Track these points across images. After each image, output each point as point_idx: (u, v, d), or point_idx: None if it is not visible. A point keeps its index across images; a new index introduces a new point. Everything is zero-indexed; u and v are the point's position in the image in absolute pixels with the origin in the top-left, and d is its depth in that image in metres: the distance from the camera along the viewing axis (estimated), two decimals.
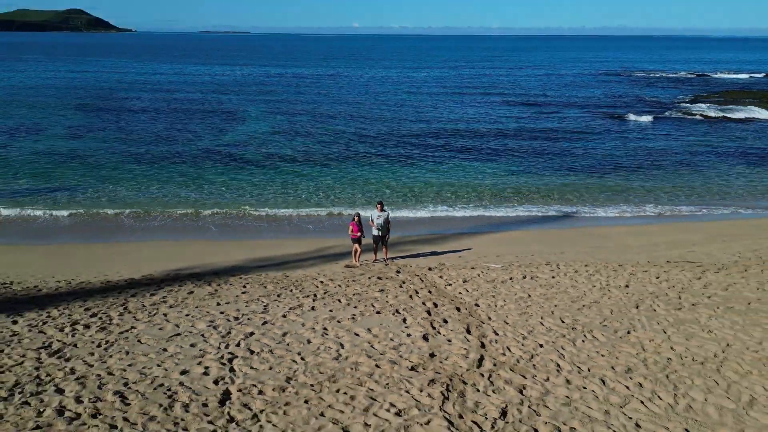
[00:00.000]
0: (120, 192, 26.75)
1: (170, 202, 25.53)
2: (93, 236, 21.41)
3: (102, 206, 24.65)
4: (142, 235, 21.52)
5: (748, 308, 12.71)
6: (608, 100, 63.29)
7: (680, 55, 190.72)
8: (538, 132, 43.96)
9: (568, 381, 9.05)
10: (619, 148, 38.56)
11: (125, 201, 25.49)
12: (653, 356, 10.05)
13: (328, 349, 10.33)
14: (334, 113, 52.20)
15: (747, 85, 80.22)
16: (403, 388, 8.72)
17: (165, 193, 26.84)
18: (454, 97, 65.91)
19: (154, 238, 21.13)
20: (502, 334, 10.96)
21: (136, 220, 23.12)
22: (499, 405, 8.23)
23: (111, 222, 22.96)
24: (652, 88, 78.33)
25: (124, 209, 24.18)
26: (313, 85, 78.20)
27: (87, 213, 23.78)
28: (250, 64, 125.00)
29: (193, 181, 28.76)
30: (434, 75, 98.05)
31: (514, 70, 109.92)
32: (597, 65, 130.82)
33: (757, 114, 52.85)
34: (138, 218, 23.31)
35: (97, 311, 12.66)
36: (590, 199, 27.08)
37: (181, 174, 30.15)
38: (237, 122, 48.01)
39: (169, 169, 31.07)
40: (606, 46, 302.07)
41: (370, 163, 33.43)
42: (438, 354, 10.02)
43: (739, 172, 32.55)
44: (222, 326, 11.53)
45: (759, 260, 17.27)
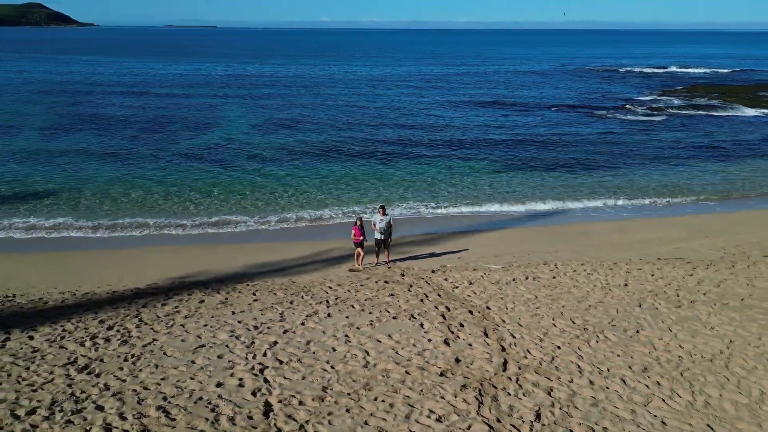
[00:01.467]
0: (101, 196, 26.22)
1: (155, 205, 25.31)
2: (81, 243, 21.14)
3: (83, 212, 24.23)
4: (132, 241, 21.37)
5: (743, 304, 13.42)
6: (579, 97, 64.51)
7: (645, 50, 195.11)
8: (514, 130, 44.50)
9: (591, 382, 9.52)
10: (593, 145, 39.44)
11: (107, 206, 25.07)
12: (665, 355, 10.61)
13: (354, 356, 10.60)
14: (311, 112, 52.09)
15: (711, 80, 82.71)
16: (438, 394, 9.07)
17: (149, 195, 26.52)
18: (428, 93, 66.34)
19: (146, 244, 21.03)
20: (519, 337, 11.39)
21: (122, 226, 22.80)
22: (533, 408, 8.64)
23: (95, 228, 22.56)
24: (620, 83, 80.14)
25: (107, 214, 23.85)
26: (288, 82, 77.70)
27: (69, 219, 23.33)
28: (221, 60, 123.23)
29: (177, 184, 28.47)
30: (408, 71, 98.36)
31: (485, 67, 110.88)
32: (565, 60, 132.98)
33: (723, 109, 54.69)
34: (124, 224, 22.97)
35: (112, 324, 12.65)
36: (570, 196, 27.80)
37: (163, 176, 29.83)
38: (215, 122, 47.51)
39: (151, 171, 30.69)
40: (572, 41, 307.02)
41: (354, 162, 33.58)
42: (463, 359, 10.39)
43: (709, 167, 33.76)
44: (244, 336, 11.69)
45: (743, 256, 18.12)
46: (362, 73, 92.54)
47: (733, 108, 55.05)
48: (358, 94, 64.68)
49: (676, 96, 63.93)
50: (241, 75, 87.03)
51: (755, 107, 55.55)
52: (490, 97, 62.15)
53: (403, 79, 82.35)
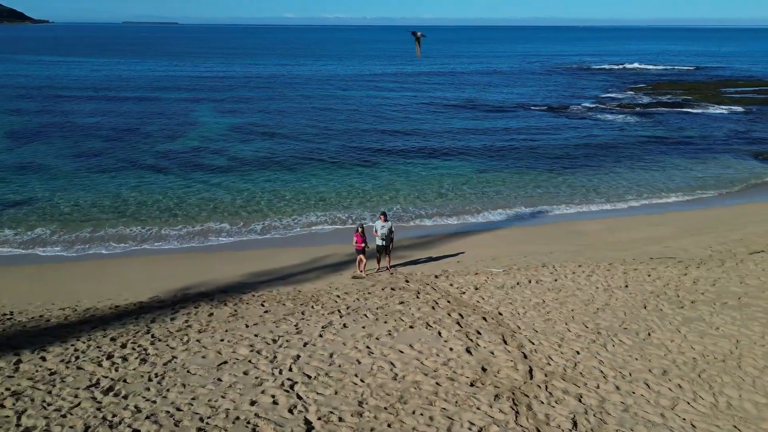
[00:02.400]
0: (77, 207, 25.43)
1: (135, 214, 24.71)
2: (62, 256, 20.61)
3: (61, 223, 23.46)
4: (117, 253, 20.95)
5: (740, 303, 13.99)
6: (549, 95, 65.62)
7: (607, 47, 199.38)
8: (490, 131, 44.73)
9: (617, 387, 9.82)
10: (569, 144, 40.22)
11: (84, 216, 24.37)
12: (680, 357, 11.02)
13: (381, 368, 10.68)
14: (286, 115, 51.69)
15: (674, 77, 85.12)
16: (474, 404, 9.23)
17: (126, 205, 25.88)
18: (401, 94, 66.49)
19: (131, 255, 20.69)
20: (537, 343, 11.66)
21: (103, 238, 22.24)
22: (568, 416, 8.89)
23: (74, 242, 21.92)
24: (587, 80, 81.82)
25: (85, 226, 23.23)
26: (259, 82, 76.84)
27: (46, 231, 22.60)
28: (187, 59, 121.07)
29: (155, 192, 27.87)
30: (379, 71, 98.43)
31: (453, 65, 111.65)
32: (530, 58, 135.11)
33: (690, 107, 56.40)
34: (105, 235, 22.42)
35: (125, 341, 12.44)
36: (554, 196, 28.40)
37: (139, 184, 29.11)
38: (188, 126, 46.71)
39: (126, 179, 29.87)
40: (535, 37, 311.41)
41: (337, 165, 33.51)
42: (488, 368, 10.59)
43: (683, 164, 34.88)
44: (265, 351, 11.64)
45: (730, 254, 18.83)
46: (334, 73, 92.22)
47: (699, 105, 56.83)
48: (332, 96, 64.41)
49: (642, 93, 65.63)
50: (210, 75, 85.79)
51: (720, 104, 57.45)
52: (461, 98, 62.23)
53: (375, 80, 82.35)
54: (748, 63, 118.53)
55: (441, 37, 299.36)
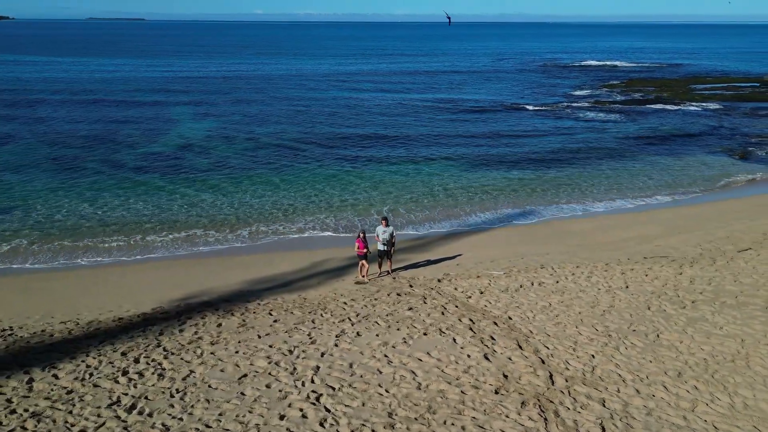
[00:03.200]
0: (59, 215, 24.62)
1: (117, 221, 24.06)
2: (50, 266, 20.13)
3: (42, 231, 22.72)
4: (105, 261, 20.56)
5: (738, 302, 14.45)
6: (525, 93, 66.13)
7: (577, 44, 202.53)
8: (470, 130, 44.77)
9: (637, 391, 10.10)
10: (549, 142, 40.58)
11: (67, 223, 23.66)
12: (691, 358, 11.36)
13: (403, 378, 10.77)
14: (268, 113, 51.37)
15: (645, 74, 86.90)
16: (502, 412, 9.39)
17: (108, 211, 25.15)
18: (379, 95, 66.41)
19: (125, 263, 20.34)
20: (552, 348, 11.88)
21: (91, 244, 21.72)
22: (595, 421, 9.11)
23: (62, 247, 21.36)
24: (560, 78, 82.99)
25: (68, 234, 22.55)
26: (235, 82, 75.97)
27: (23, 241, 21.74)
28: (158, 57, 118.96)
29: (140, 195, 27.37)
30: (356, 69, 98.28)
31: (427, 64, 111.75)
32: (502, 55, 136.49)
33: (662, 103, 57.71)
34: (89, 244, 21.79)
35: (137, 356, 12.28)
36: (540, 195, 28.75)
37: (122, 188, 28.43)
38: (168, 126, 46.04)
39: (108, 183, 29.16)
40: (504, 34, 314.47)
41: (322, 167, 33.10)
42: (509, 374, 10.76)
43: (662, 161, 35.72)
44: (283, 362, 11.63)
45: (720, 252, 19.41)
46: (311, 72, 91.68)
47: (672, 102, 58.17)
48: (311, 96, 64.00)
49: (616, 91, 66.86)
50: (184, 74, 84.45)
51: (691, 101, 58.93)
52: (439, 98, 61.89)
53: (352, 79, 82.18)
54: (714, 59, 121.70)
55: (413, 35, 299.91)
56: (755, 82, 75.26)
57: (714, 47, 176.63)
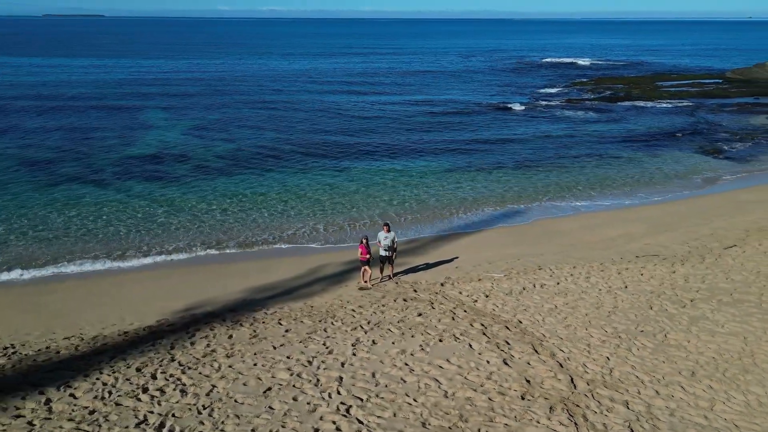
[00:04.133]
0: (36, 225, 23.85)
1: (103, 229, 23.49)
2: (38, 278, 19.61)
3: (25, 241, 22.07)
4: (100, 268, 20.17)
5: (734, 299, 15.05)
6: (497, 92, 66.55)
7: (543, 41, 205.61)
8: (444, 130, 44.81)
9: (657, 392, 10.47)
10: (526, 141, 41.25)
11: (50, 233, 22.97)
12: (700, 357, 11.82)
13: (428, 386, 10.93)
14: (244, 114, 50.81)
15: (612, 72, 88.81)
16: (533, 418, 9.64)
17: (87, 219, 24.46)
18: (352, 97, 66.16)
19: (119, 273, 19.96)
20: (568, 351, 12.21)
21: (77, 253, 21.16)
22: (623, 424, 9.43)
23: (47, 257, 20.81)
24: (530, 76, 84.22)
25: (52, 242, 21.98)
26: (207, 81, 74.88)
27: (12, 252, 21.19)
28: (123, 56, 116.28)
29: (121, 202, 26.68)
30: (325, 68, 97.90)
31: (397, 64, 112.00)
32: (470, 52, 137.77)
33: (633, 100, 59.15)
34: (75, 252, 21.27)
35: (153, 371, 12.15)
36: (523, 194, 29.09)
37: (101, 195, 27.65)
38: (143, 128, 45.12)
39: (85, 190, 28.33)
40: (470, 31, 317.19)
41: (303, 170, 32.73)
42: (531, 379, 11.03)
43: (638, 158, 36.65)
44: (305, 373, 11.66)
45: (706, 249, 20.12)
46: (282, 70, 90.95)
47: (642, 99, 59.68)
48: (285, 96, 63.62)
49: (586, 89, 68.15)
50: (152, 74, 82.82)
51: (659, 98, 60.54)
52: (413, 99, 61.07)
53: (324, 79, 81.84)
54: (676, 57, 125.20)
55: (380, 32, 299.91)
56: (717, 78, 77.64)
57: (673, 44, 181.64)
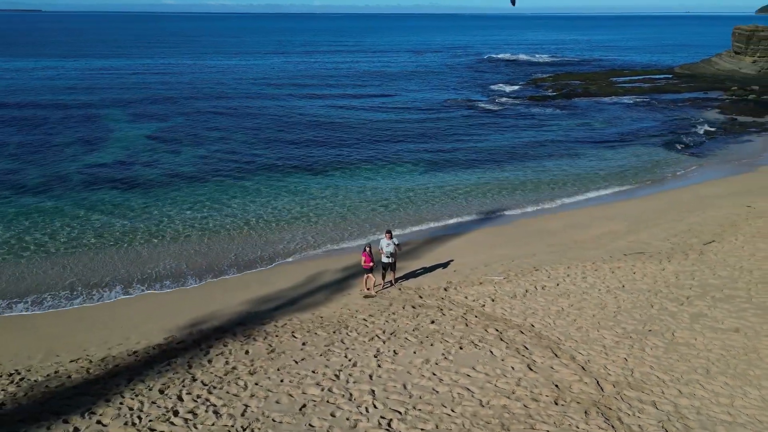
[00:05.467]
0: (22, 237, 23.03)
1: (74, 243, 22.67)
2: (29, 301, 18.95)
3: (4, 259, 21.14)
4: (80, 293, 19.41)
5: (725, 295, 15.90)
6: (457, 89, 67.06)
7: (497, 37, 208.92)
8: (411, 131, 44.74)
9: (679, 391, 11.03)
10: (493, 139, 42.15)
11: (17, 249, 22.05)
12: (710, 354, 12.48)
13: (461, 396, 11.19)
14: (208, 116, 49.86)
15: (568, 68, 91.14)
16: (572, 424, 10.02)
17: (51, 234, 23.56)
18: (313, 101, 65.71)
19: (93, 291, 19.31)
20: (586, 354, 12.68)
21: (58, 272, 20.31)
22: (657, 424, 9.91)
23: (29, 278, 19.96)
24: (490, 73, 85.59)
25: (20, 260, 21.08)
26: (163, 79, 73.01)
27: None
28: (70, 54, 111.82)
29: (98, 213, 25.86)
30: (282, 67, 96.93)
31: (355, 62, 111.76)
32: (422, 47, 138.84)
33: (592, 97, 60.95)
34: (53, 270, 20.44)
35: (178, 392, 11.99)
36: (500, 193, 29.72)
37: (67, 206, 26.69)
38: (104, 133, 43.69)
39: (59, 202, 27.31)
40: (425, 27, 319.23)
41: (279, 175, 32.44)
42: (559, 384, 11.43)
43: (601, 154, 37.90)
44: (335, 387, 11.73)
45: (687, 245, 21.09)
46: (235, 69, 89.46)
47: (599, 95, 61.61)
48: (249, 96, 62.73)
49: (546, 85, 69.79)
50: (103, 72, 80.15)
51: (615, 94, 62.66)
52: (376, 99, 60.34)
53: (284, 77, 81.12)
54: (625, 52, 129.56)
55: (332, 27, 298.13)
56: (667, 74, 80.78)
57: (620, 39, 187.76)
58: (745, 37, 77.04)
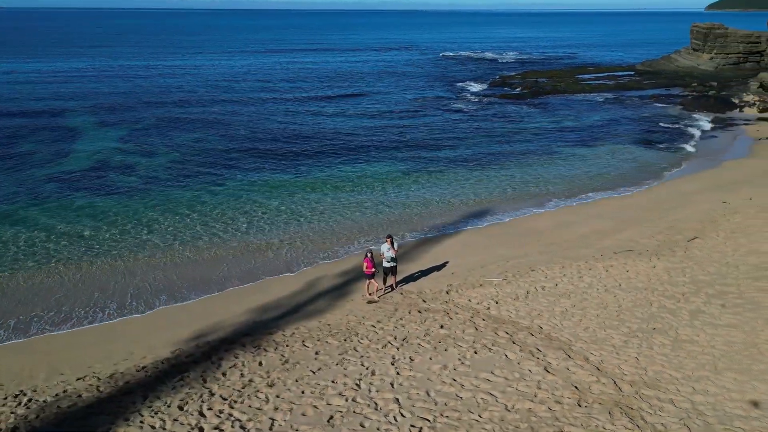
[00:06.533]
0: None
1: (42, 256, 22.03)
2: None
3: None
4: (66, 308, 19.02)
5: (718, 291, 16.56)
6: (427, 87, 67.14)
7: (457, 34, 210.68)
8: (383, 132, 44.55)
9: (693, 388, 11.49)
10: (469, 138, 42.57)
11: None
12: (714, 351, 13.02)
13: (485, 401, 11.41)
14: (178, 117, 48.89)
15: (534, 65, 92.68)
16: (598, 425, 10.34)
17: (21, 245, 22.90)
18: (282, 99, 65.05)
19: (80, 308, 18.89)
20: (598, 354, 13.07)
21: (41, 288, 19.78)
22: (678, 422, 10.32)
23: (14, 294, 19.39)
24: (458, 70, 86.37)
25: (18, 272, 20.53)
26: (127, 79, 71.17)
27: None
28: (29, 53, 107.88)
29: (76, 224, 25.13)
30: (248, 65, 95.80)
31: (325, 60, 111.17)
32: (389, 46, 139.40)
33: (561, 94, 62.19)
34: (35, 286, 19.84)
35: (198, 408, 11.88)
36: (484, 193, 30.15)
37: (36, 216, 25.96)
38: (71, 138, 42.33)
39: (30, 212, 26.39)
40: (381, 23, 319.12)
41: (255, 179, 32.08)
42: (578, 385, 11.76)
43: (577, 153, 38.75)
44: (359, 397, 11.81)
45: (673, 242, 21.83)
46: (201, 69, 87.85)
47: (568, 92, 62.93)
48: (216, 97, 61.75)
49: (515, 82, 70.79)
50: (65, 73, 77.60)
51: (582, 91, 64.12)
52: (347, 100, 59.69)
53: (250, 79, 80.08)
54: (586, 48, 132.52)
55: (293, 23, 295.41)
56: (629, 71, 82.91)
57: (579, 36, 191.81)
58: (702, 35, 79.70)
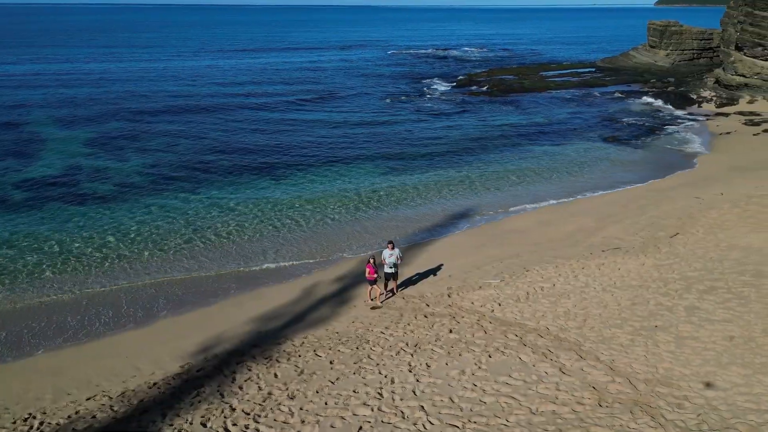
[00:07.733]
0: None
1: (33, 263, 21.67)
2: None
3: None
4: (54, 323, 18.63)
5: (708, 287, 17.29)
6: (394, 87, 66.91)
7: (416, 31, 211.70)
8: (352, 134, 44.44)
9: (705, 384, 12.02)
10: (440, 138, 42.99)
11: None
12: (716, 346, 13.63)
13: (509, 405, 11.69)
14: (147, 118, 47.98)
15: (498, 62, 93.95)
16: (622, 424, 10.74)
17: (25, 258, 22.58)
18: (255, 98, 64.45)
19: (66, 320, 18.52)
20: (608, 353, 13.52)
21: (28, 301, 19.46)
22: (696, 418, 10.81)
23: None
24: (422, 67, 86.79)
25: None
26: (89, 78, 69.00)
27: None
28: None
29: (55, 233, 24.46)
30: (215, 65, 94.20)
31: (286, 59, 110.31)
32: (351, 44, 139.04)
33: (528, 92, 63.37)
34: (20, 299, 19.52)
35: (222, 425, 11.81)
36: (459, 194, 30.64)
37: (29, 226, 25.32)
38: (36, 140, 41.10)
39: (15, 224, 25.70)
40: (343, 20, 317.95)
41: (233, 184, 31.71)
42: (596, 385, 12.17)
43: (548, 150, 39.65)
44: (383, 406, 11.94)
45: (656, 239, 22.64)
46: (164, 68, 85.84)
47: (534, 90, 64.15)
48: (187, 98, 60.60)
49: (482, 80, 71.63)
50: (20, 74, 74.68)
51: (548, 88, 65.48)
52: (313, 100, 58.83)
53: (215, 78, 78.80)
54: (546, 45, 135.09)
55: (260, 19, 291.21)
56: (590, 68, 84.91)
57: (536, 33, 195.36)
58: (659, 32, 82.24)
